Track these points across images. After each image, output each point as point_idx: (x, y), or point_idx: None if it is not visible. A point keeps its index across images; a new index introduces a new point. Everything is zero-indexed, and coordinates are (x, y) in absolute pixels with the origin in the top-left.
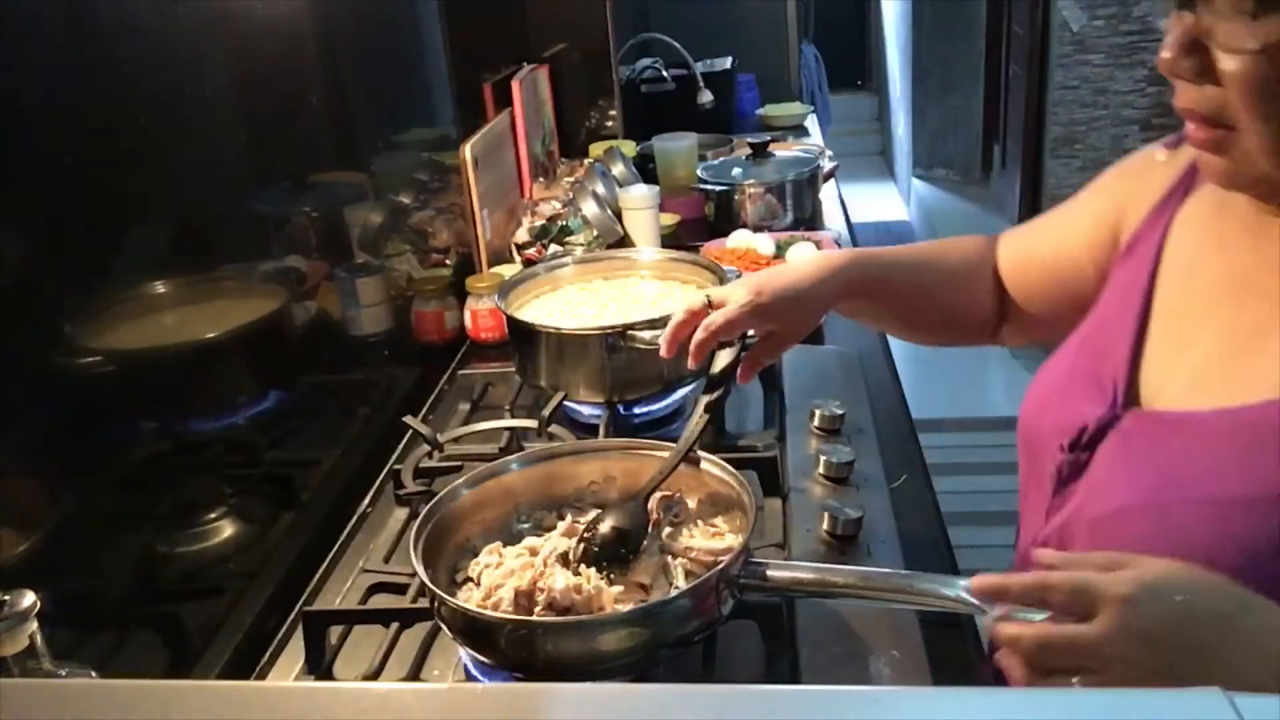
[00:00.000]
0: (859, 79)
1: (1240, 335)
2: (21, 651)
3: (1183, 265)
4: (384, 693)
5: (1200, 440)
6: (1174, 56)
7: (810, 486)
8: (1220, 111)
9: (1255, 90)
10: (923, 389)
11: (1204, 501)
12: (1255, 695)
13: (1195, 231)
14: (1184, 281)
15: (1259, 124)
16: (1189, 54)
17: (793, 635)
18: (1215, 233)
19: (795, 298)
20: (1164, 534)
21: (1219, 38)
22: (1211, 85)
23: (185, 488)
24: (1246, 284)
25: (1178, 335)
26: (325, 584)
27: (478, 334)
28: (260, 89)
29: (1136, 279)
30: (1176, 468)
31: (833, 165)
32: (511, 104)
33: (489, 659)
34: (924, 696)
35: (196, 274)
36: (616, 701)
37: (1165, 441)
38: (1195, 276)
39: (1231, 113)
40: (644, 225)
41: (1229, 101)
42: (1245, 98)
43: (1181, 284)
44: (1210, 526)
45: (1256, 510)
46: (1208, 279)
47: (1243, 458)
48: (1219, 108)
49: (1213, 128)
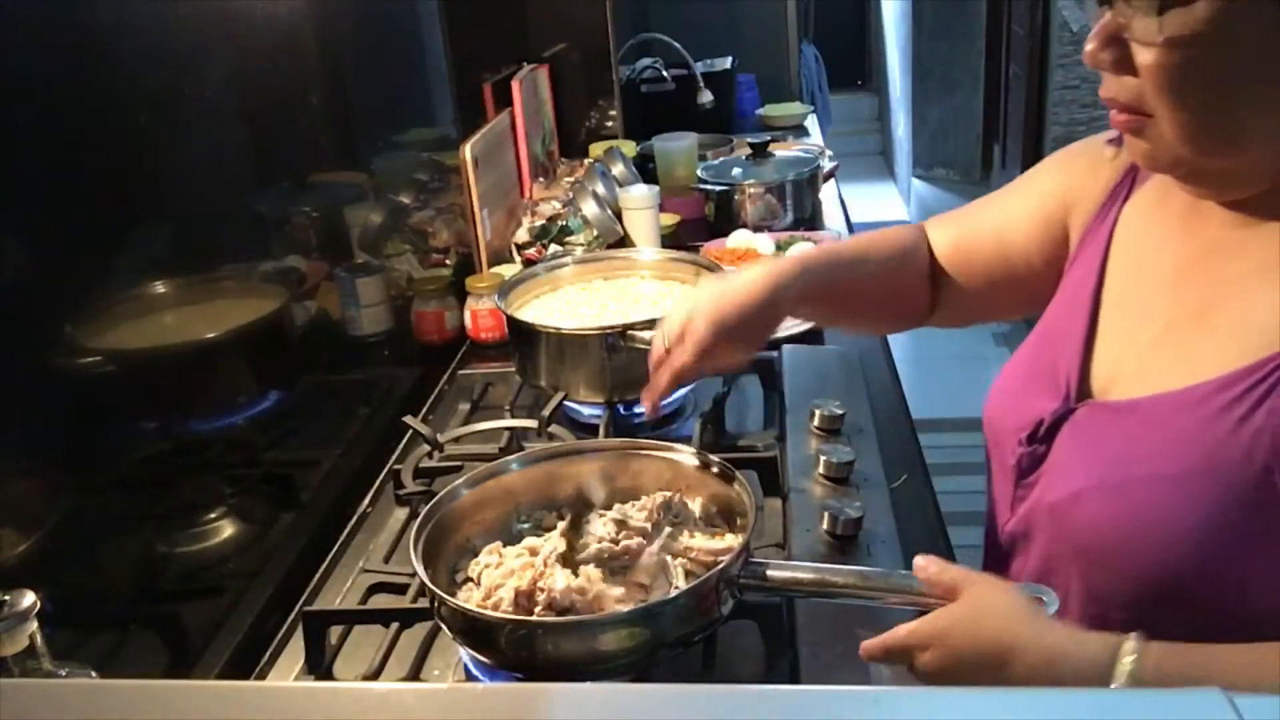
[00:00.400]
0: (859, 79)
1: (1181, 322)
2: (21, 651)
3: (1128, 259)
4: (384, 693)
5: (1147, 424)
6: (1095, 49)
7: (810, 486)
8: (1139, 100)
9: (1166, 80)
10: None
11: (1154, 478)
12: (1255, 695)
13: (1139, 225)
14: (1129, 274)
15: (1171, 111)
16: (1108, 47)
17: (793, 635)
18: (1157, 224)
19: (747, 324)
20: (1118, 512)
21: (1134, 32)
22: (1130, 76)
23: (185, 488)
24: (1184, 271)
25: (1125, 327)
26: (325, 584)
27: (478, 334)
28: (260, 89)
29: (1086, 275)
30: (1127, 450)
31: (833, 165)
32: (511, 104)
33: (489, 659)
34: (924, 696)
35: (196, 274)
36: (616, 701)
37: (1115, 428)
38: (1139, 269)
39: (1148, 101)
40: (644, 225)
41: (1145, 91)
42: (1157, 87)
43: (1127, 277)
44: (1160, 501)
45: (1202, 483)
46: (1150, 270)
47: (1183, 437)
48: (1137, 97)
49: (1133, 115)
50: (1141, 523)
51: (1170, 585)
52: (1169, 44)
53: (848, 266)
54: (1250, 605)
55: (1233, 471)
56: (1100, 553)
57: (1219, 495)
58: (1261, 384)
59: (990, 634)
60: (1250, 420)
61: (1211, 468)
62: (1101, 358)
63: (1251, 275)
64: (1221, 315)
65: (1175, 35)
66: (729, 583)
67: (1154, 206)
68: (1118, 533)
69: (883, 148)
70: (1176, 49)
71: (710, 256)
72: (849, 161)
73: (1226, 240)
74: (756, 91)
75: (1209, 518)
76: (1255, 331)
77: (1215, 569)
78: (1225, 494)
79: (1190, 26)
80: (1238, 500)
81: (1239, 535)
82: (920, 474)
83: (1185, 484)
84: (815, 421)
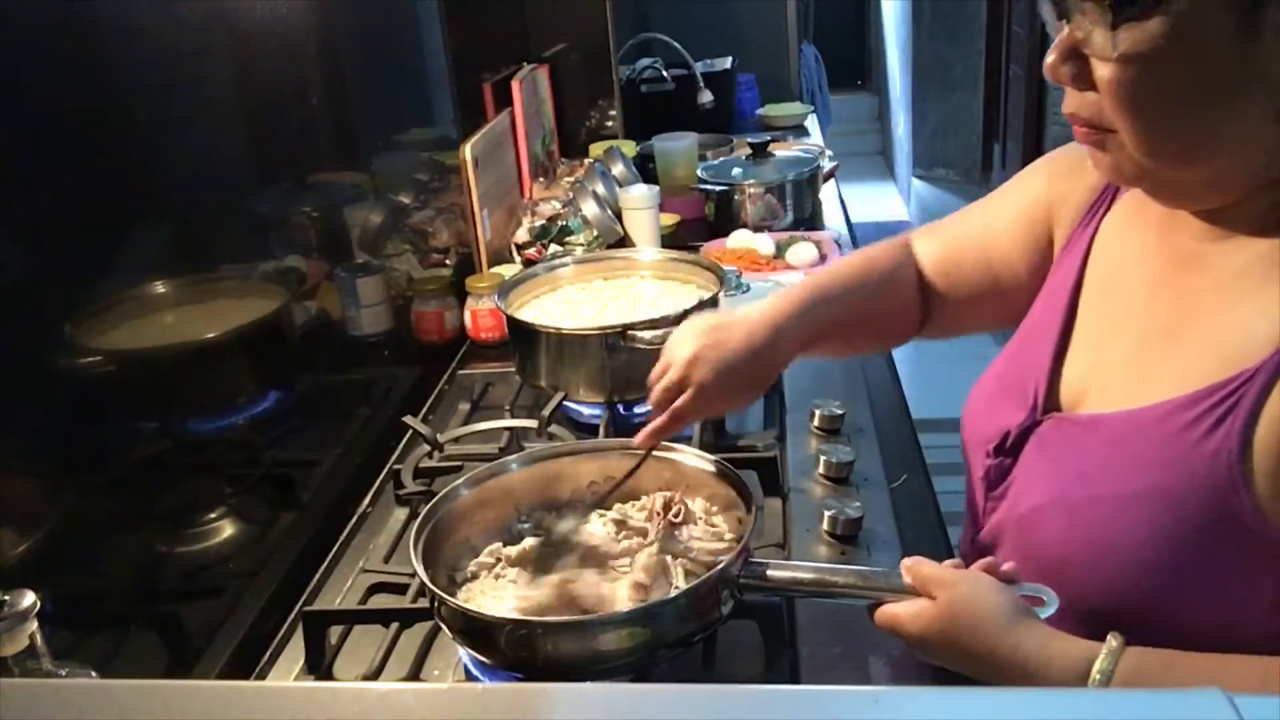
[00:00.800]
0: (859, 79)
1: (1150, 338)
2: (21, 651)
3: (1104, 272)
4: (384, 693)
5: (1106, 441)
6: (1054, 62)
7: (810, 486)
8: (1099, 115)
9: (1123, 94)
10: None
11: (1108, 497)
12: (1255, 695)
13: (1117, 237)
14: (1105, 287)
15: (1130, 125)
16: (1067, 61)
17: (793, 635)
18: (1135, 237)
19: (749, 377)
20: (1075, 529)
21: (1092, 46)
22: (1091, 90)
23: (185, 488)
24: (1158, 286)
25: (1097, 341)
26: (325, 584)
27: (478, 334)
28: (260, 89)
29: (1061, 287)
30: (1085, 468)
31: (833, 165)
32: (511, 104)
33: (489, 659)
34: (924, 696)
35: (196, 274)
36: (616, 701)
37: (1077, 444)
38: (1115, 282)
39: (1108, 116)
40: (644, 225)
41: (1105, 105)
42: (1116, 102)
43: (1102, 290)
44: (1114, 521)
45: (1154, 505)
46: (1126, 283)
47: (1141, 457)
48: (1098, 112)
49: (1094, 129)
50: (1094, 543)
51: (1119, 605)
52: (1124, 59)
53: (841, 296)
54: (1200, 629)
55: (1187, 493)
56: (1058, 569)
57: (1170, 518)
58: (1220, 405)
59: (967, 641)
60: (1207, 441)
61: (1165, 489)
62: (1072, 370)
63: (1216, 290)
64: (1188, 332)
65: (1130, 51)
66: (729, 583)
67: (1133, 216)
68: (1072, 551)
69: (883, 148)
70: (1132, 64)
71: (710, 257)
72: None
73: (1196, 253)
74: (756, 91)
75: (1158, 540)
76: (1216, 351)
77: (1164, 591)
78: (1177, 516)
79: (1145, 42)
80: (1190, 522)
81: (1190, 559)
82: (920, 474)
83: (1137, 505)
84: (815, 421)
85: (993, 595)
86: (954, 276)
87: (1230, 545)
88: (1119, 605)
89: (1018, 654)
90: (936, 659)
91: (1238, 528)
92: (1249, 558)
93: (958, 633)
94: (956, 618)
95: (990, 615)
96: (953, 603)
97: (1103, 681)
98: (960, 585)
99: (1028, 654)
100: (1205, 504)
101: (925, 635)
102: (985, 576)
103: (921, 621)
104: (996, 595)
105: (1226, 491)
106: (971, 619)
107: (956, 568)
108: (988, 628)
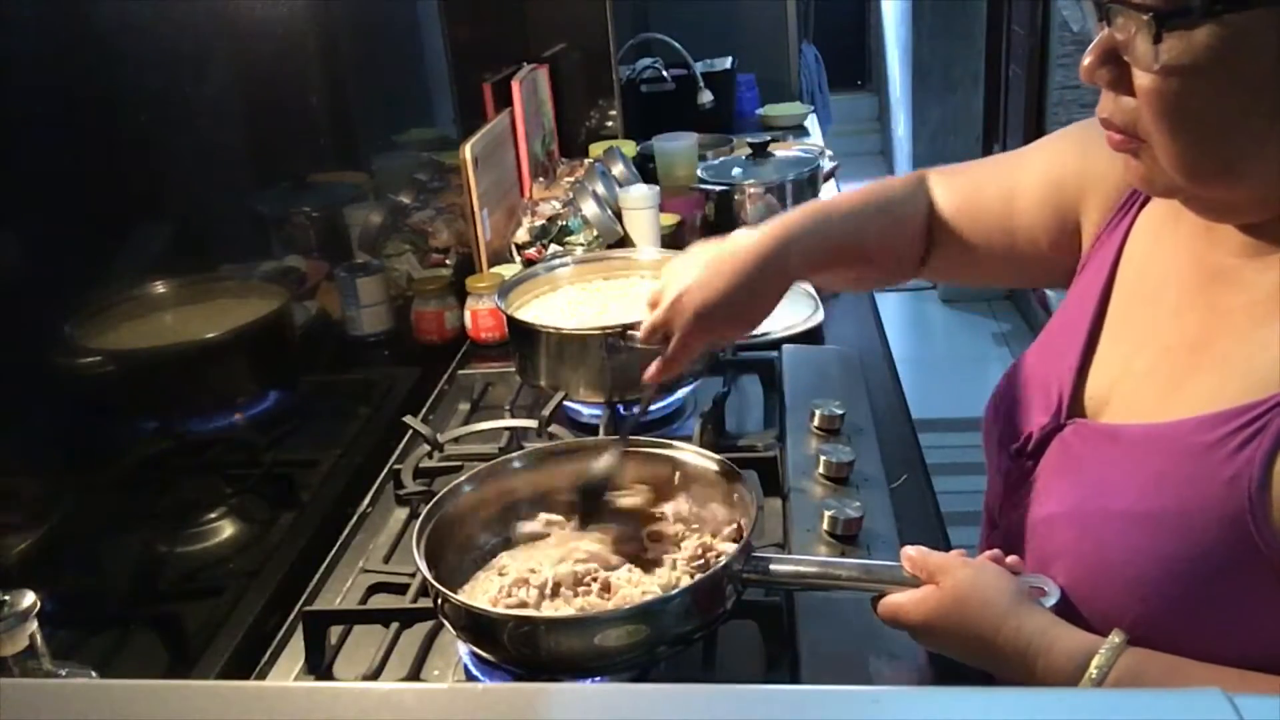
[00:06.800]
0: (859, 79)
1: (1178, 351)
2: (21, 651)
3: (1135, 274)
4: (384, 693)
5: (1126, 455)
6: (1091, 64)
7: (810, 486)
8: (1134, 123)
9: (1162, 107)
10: (923, 389)
11: (1120, 515)
12: (1255, 695)
13: (1150, 239)
14: (1135, 292)
15: (1166, 139)
16: (1106, 64)
17: (793, 635)
18: (1168, 241)
19: (740, 306)
20: (1084, 543)
21: (1134, 55)
22: (1128, 96)
23: (185, 488)
24: (1187, 295)
25: (1125, 347)
26: (325, 584)
27: (478, 334)
28: (260, 89)
29: (1092, 287)
30: (1103, 480)
31: (833, 165)
32: (511, 104)
33: (491, 654)
34: (924, 696)
35: (196, 274)
36: (616, 701)
37: (1097, 454)
38: (1145, 287)
39: (1144, 126)
40: (644, 225)
41: (1141, 115)
42: (1152, 113)
43: (1132, 294)
44: (1123, 538)
45: (1167, 527)
46: (1156, 290)
47: (1159, 474)
48: (1134, 119)
49: (1128, 137)
50: (1104, 560)
51: (1122, 621)
52: (1166, 71)
53: (848, 217)
54: (1205, 654)
55: (1201, 516)
56: (1067, 581)
57: (1180, 540)
58: (1245, 429)
59: (973, 623)
60: (1228, 465)
61: (1179, 510)
62: (1097, 377)
63: (1248, 308)
64: (1216, 349)
65: (1173, 63)
66: (731, 579)
67: (1167, 219)
68: (1081, 565)
69: (883, 148)
70: (1174, 76)
71: None
72: (849, 161)
73: (1230, 268)
74: (756, 91)
75: (1167, 562)
76: (1243, 372)
77: (1169, 613)
78: (1187, 539)
79: (1189, 55)
80: (1199, 545)
81: (1197, 583)
82: (920, 474)
83: (1149, 524)
84: (815, 421)
85: (996, 580)
86: (971, 227)
87: (1240, 571)
88: (1122, 621)
89: (1020, 636)
90: (938, 644)
91: (1250, 554)
92: (1260, 585)
93: (961, 615)
94: (960, 601)
95: (993, 598)
96: (957, 586)
97: (1099, 678)
98: (964, 570)
99: (1030, 637)
100: (1217, 527)
101: (929, 620)
102: (989, 564)
103: (926, 607)
104: (1000, 580)
105: (1241, 517)
106: (975, 602)
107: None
108: (991, 610)
